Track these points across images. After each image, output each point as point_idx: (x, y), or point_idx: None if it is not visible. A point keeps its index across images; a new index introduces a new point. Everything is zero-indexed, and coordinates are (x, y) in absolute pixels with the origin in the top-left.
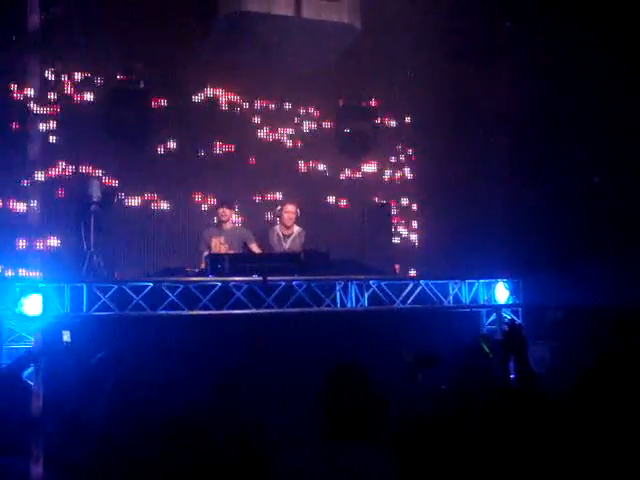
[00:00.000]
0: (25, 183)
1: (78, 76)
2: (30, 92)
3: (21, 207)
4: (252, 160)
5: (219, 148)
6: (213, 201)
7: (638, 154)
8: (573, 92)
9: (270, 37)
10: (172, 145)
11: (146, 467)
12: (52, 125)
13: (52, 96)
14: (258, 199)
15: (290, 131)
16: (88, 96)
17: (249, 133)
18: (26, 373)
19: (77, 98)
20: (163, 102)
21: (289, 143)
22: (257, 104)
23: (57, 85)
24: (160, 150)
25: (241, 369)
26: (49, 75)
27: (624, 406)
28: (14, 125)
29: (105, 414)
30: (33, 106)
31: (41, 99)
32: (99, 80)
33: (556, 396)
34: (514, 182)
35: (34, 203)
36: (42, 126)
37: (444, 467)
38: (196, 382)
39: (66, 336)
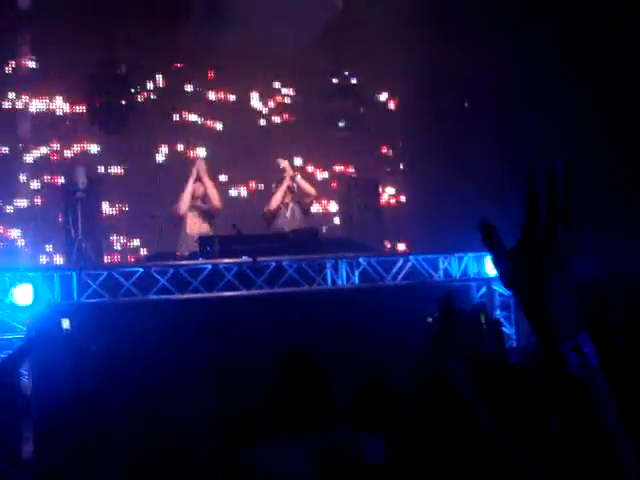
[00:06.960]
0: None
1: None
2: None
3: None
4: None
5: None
6: None
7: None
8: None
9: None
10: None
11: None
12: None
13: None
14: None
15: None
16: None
17: (232, 115)
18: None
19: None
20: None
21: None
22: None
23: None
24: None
25: (234, 351)
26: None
27: None
28: None
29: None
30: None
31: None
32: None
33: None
34: (500, 155)
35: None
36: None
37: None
38: (191, 366)
39: (65, 324)
